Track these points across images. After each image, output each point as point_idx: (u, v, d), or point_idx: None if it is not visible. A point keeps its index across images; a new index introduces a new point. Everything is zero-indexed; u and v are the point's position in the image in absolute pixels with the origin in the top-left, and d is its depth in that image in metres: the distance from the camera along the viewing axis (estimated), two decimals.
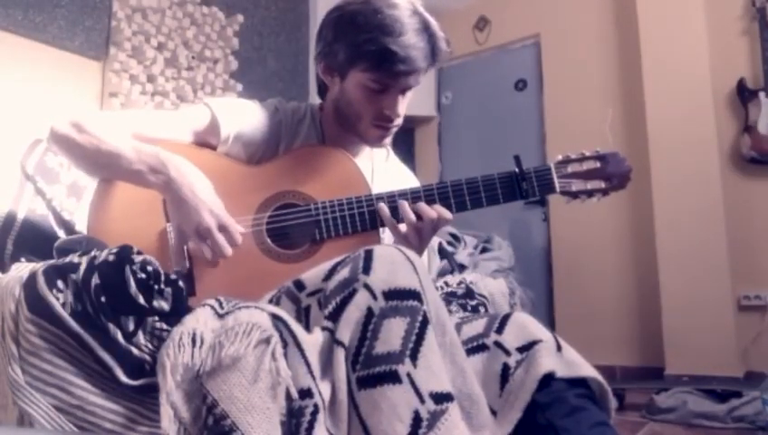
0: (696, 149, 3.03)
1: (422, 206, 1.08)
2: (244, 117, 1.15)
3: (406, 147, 4.29)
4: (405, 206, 1.08)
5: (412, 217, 1.07)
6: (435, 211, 1.08)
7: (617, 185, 1.12)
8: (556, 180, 1.10)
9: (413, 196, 1.09)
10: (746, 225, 3.03)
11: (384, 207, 1.08)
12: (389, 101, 1.13)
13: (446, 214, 1.08)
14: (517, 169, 1.09)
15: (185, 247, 1.02)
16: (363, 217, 1.09)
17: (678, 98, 3.10)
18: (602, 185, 1.11)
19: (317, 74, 1.22)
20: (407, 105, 1.17)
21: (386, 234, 1.21)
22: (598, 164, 1.11)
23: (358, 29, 1.07)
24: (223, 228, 1.00)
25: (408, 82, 1.11)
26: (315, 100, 1.30)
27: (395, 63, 1.06)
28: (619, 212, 3.44)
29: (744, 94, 3.02)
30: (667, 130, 3.12)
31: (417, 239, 1.08)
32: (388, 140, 1.20)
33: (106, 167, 1.04)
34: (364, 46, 1.07)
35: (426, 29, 1.08)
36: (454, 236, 3.01)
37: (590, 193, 1.12)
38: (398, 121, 1.17)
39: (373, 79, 1.09)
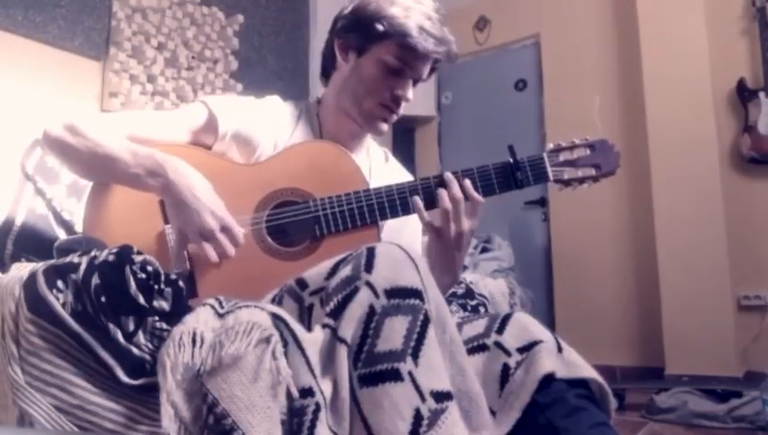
0: (696, 148, 3.03)
1: (449, 185, 1.06)
2: (242, 114, 1.15)
3: (406, 147, 4.29)
4: (444, 194, 1.05)
5: (448, 202, 1.04)
6: (460, 192, 1.05)
7: (606, 171, 1.13)
8: (549, 169, 1.11)
9: (410, 188, 1.09)
10: (746, 225, 3.03)
11: (418, 200, 1.07)
12: (402, 83, 1.15)
13: (474, 194, 1.06)
14: (511, 159, 1.09)
15: (185, 249, 1.02)
16: (362, 212, 1.08)
17: (678, 98, 3.10)
18: (593, 172, 1.12)
19: (325, 54, 1.24)
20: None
21: (385, 232, 1.21)
22: (588, 151, 1.13)
23: (396, 6, 1.13)
24: (225, 229, 1.00)
25: (424, 68, 1.16)
26: (314, 99, 1.30)
27: (427, 41, 1.11)
28: (620, 212, 3.44)
29: (744, 94, 3.02)
30: (667, 129, 3.12)
31: (449, 230, 1.05)
32: (386, 126, 1.20)
33: (102, 170, 1.04)
34: (401, 19, 1.11)
35: (442, 25, 1.15)
36: None
37: (581, 180, 1.13)
38: (401, 111, 1.19)
39: (397, 56, 1.12)
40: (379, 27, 1.12)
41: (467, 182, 1.07)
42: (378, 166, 1.29)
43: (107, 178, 1.05)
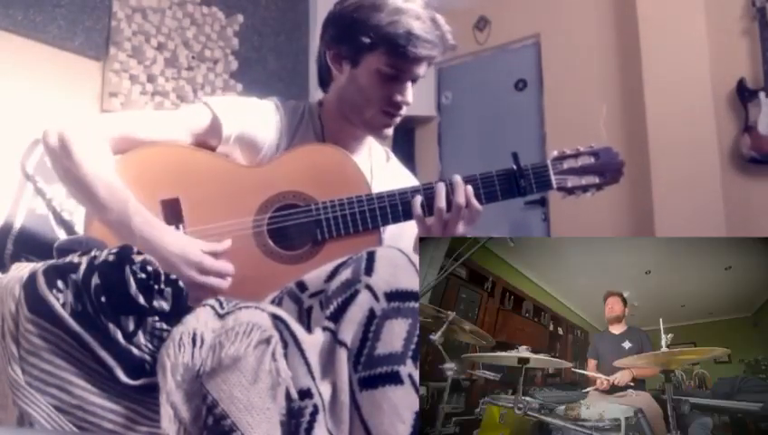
0: (696, 148, 3.03)
1: (455, 189, 1.07)
2: (246, 116, 1.15)
3: (406, 147, 4.28)
4: (441, 189, 1.07)
5: (443, 203, 1.06)
6: (463, 197, 1.06)
7: (610, 179, 1.13)
8: (553, 176, 1.11)
9: (413, 193, 1.09)
10: (746, 225, 3.03)
11: (417, 199, 1.08)
12: (401, 88, 1.15)
13: (475, 203, 1.07)
14: (515, 166, 1.09)
15: None
16: (364, 217, 1.08)
17: (678, 98, 3.10)
18: (596, 180, 1.13)
19: (320, 64, 1.23)
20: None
21: (386, 233, 1.21)
22: (592, 159, 1.13)
23: (381, 12, 1.11)
24: (205, 271, 0.98)
25: (420, 69, 1.15)
26: (315, 100, 1.30)
27: (417, 47, 1.09)
28: (619, 212, 3.43)
29: (744, 94, 3.02)
30: (667, 129, 3.12)
31: (439, 232, 1.07)
32: (390, 131, 1.21)
33: (79, 194, 1.06)
34: (387, 28, 1.10)
35: (433, 21, 1.13)
36: None
37: (584, 188, 1.13)
38: (403, 112, 1.18)
39: (390, 64, 1.12)
40: (367, 39, 1.11)
41: (469, 189, 1.07)
42: (379, 166, 1.29)
43: (82, 203, 1.07)
